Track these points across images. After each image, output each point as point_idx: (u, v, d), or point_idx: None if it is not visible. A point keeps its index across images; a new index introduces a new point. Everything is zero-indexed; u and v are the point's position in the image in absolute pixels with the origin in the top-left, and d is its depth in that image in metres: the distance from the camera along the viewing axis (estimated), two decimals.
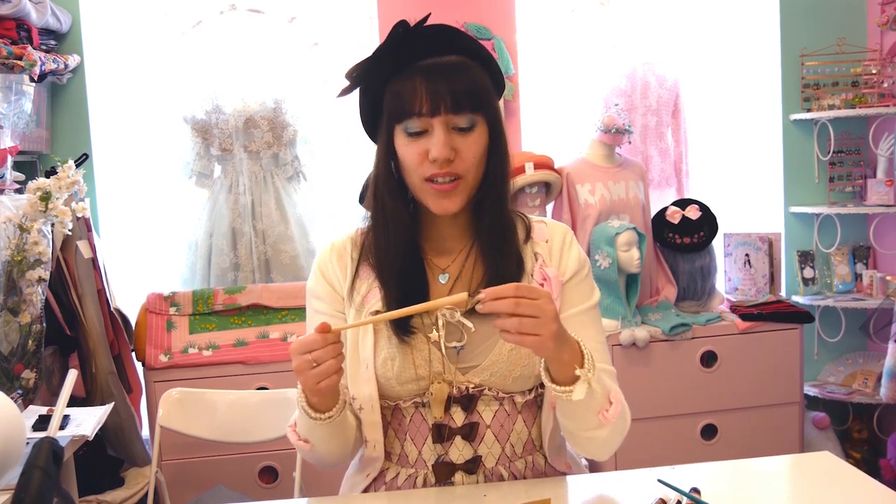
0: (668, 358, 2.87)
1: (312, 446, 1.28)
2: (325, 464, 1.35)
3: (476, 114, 1.23)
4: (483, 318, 1.27)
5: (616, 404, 1.22)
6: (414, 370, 1.27)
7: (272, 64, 2.99)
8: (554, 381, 1.18)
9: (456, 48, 1.26)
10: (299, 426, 1.29)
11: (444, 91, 1.20)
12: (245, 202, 2.95)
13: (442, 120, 1.21)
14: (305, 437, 1.28)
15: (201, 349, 2.72)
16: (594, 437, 1.24)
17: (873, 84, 3.22)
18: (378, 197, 1.31)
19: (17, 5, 2.50)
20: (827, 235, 3.37)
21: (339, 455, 1.33)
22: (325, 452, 1.30)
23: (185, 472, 2.66)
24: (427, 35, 1.24)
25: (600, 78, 3.25)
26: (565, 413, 1.23)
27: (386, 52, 1.24)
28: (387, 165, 1.29)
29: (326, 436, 1.27)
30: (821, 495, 1.24)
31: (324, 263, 1.37)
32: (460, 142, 1.23)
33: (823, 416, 3.18)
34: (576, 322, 1.29)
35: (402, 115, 1.23)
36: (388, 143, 1.28)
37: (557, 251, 1.35)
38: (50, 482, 0.99)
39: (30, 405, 2.16)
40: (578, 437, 1.26)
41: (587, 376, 1.15)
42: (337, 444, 1.29)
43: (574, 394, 1.15)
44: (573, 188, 2.99)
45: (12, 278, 2.21)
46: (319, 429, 1.24)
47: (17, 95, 2.52)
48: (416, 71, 1.22)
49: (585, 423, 1.22)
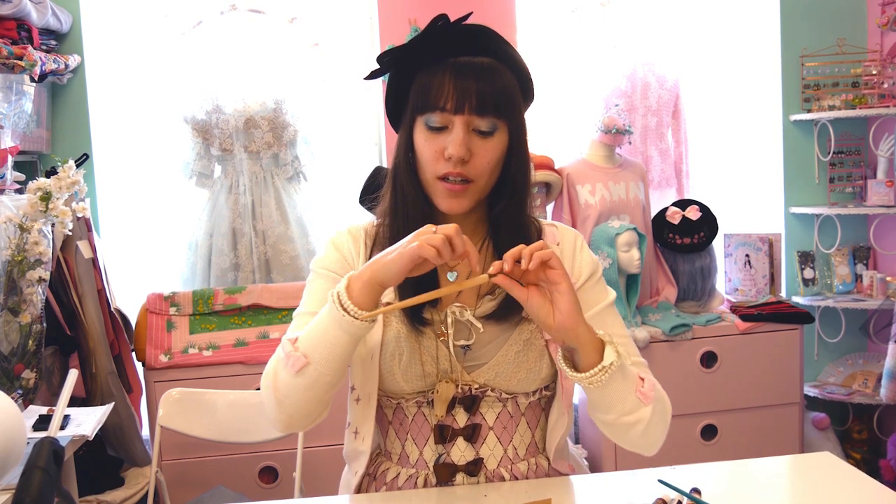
0: (668, 358, 2.87)
1: (308, 364, 1.15)
2: (293, 405, 1.19)
3: (499, 119, 1.23)
4: (492, 321, 1.28)
5: (649, 379, 1.21)
6: (421, 367, 1.27)
7: (272, 64, 2.99)
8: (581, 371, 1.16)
9: (490, 51, 1.25)
10: (306, 338, 1.16)
11: (471, 90, 1.20)
12: (245, 202, 2.95)
13: (464, 119, 1.21)
14: (307, 350, 1.15)
15: (201, 349, 2.72)
16: (638, 419, 1.19)
17: (873, 85, 3.22)
18: (397, 187, 1.30)
19: (18, 5, 2.50)
20: (827, 236, 3.37)
21: (316, 396, 1.18)
22: (311, 382, 1.16)
23: (185, 472, 2.66)
24: (464, 33, 1.24)
25: (600, 78, 3.25)
26: (602, 403, 1.19)
27: (421, 43, 1.24)
28: (406, 155, 1.29)
29: (337, 352, 1.14)
30: (821, 495, 1.24)
31: (339, 241, 1.36)
32: (478, 144, 1.23)
33: (823, 416, 3.18)
34: (597, 321, 1.28)
35: (425, 107, 1.23)
36: (409, 134, 1.28)
37: (569, 255, 1.35)
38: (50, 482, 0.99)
39: (30, 405, 2.16)
40: (621, 426, 1.20)
41: (610, 339, 1.15)
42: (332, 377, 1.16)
43: (605, 358, 1.14)
44: (573, 189, 2.99)
45: (12, 278, 2.21)
46: (337, 333, 1.13)
47: (17, 95, 2.52)
48: (447, 66, 1.22)
49: (625, 405, 1.18)
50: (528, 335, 1.28)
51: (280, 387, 1.19)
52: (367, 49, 3.14)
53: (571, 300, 1.13)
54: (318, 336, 1.15)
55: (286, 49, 3.03)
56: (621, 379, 1.16)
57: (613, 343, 1.16)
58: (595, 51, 3.27)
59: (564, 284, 1.13)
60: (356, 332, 1.13)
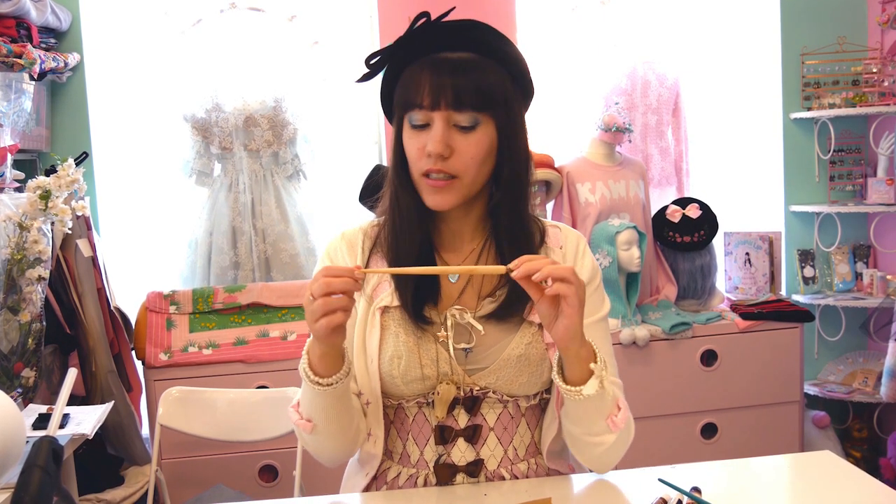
0: (668, 357, 2.87)
1: (315, 426, 1.23)
2: (325, 453, 1.30)
3: (481, 113, 1.21)
4: (493, 323, 1.28)
5: (624, 411, 1.22)
6: (420, 369, 1.26)
7: (272, 62, 2.99)
8: (567, 382, 1.18)
9: (475, 45, 1.24)
10: (303, 404, 1.25)
11: (446, 86, 1.19)
12: (245, 201, 2.95)
13: (442, 115, 1.20)
14: (309, 415, 1.23)
15: (201, 348, 2.72)
16: (600, 442, 1.22)
17: (874, 83, 3.21)
18: (392, 189, 1.30)
19: (17, 3, 2.50)
20: (827, 234, 3.37)
21: (341, 441, 1.27)
22: (326, 435, 1.24)
23: (185, 471, 2.66)
24: (444, 29, 1.23)
25: (601, 76, 3.25)
26: (574, 416, 1.22)
27: (403, 42, 1.24)
28: (397, 154, 1.28)
29: (332, 412, 1.21)
30: (821, 494, 1.24)
31: (334, 251, 1.36)
32: (459, 140, 1.21)
33: (823, 415, 3.18)
34: (587, 333, 1.26)
35: (407, 105, 1.23)
36: (398, 133, 1.27)
37: (572, 258, 1.34)
38: (50, 481, 0.99)
39: (30, 404, 2.16)
40: (583, 443, 1.25)
41: (601, 373, 1.16)
42: (340, 427, 1.24)
43: (585, 388, 1.15)
44: (573, 187, 2.99)
45: (12, 277, 2.21)
46: (323, 400, 1.19)
47: (16, 94, 2.51)
48: (426, 64, 1.22)
49: (593, 427, 1.21)
50: (530, 338, 1.27)
51: (308, 446, 1.30)
52: (366, 47, 3.14)
53: (575, 323, 1.13)
54: (310, 403, 1.22)
55: (286, 47, 3.03)
56: (598, 402, 1.18)
57: (602, 376, 1.16)
58: (595, 49, 3.27)
59: (572, 310, 1.12)
60: (337, 393, 1.19)
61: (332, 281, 1.09)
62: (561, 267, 1.11)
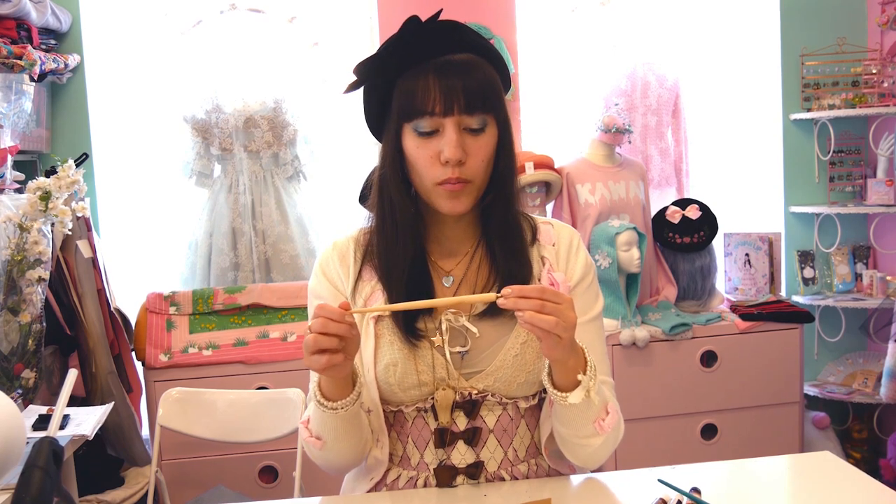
0: (668, 358, 2.87)
1: (324, 444, 1.24)
2: (334, 467, 1.31)
3: (487, 114, 1.21)
4: (487, 323, 1.27)
5: (612, 414, 1.21)
6: (416, 376, 1.26)
7: (272, 63, 2.99)
8: (555, 386, 1.17)
9: (467, 46, 1.23)
10: (312, 421, 1.25)
11: (458, 89, 1.17)
12: (245, 202, 2.95)
13: (454, 120, 1.19)
14: (318, 433, 1.24)
15: (201, 349, 2.72)
16: (587, 444, 1.22)
17: (873, 84, 3.22)
18: (384, 197, 1.28)
19: (17, 4, 2.50)
20: (827, 235, 3.37)
21: (350, 457, 1.28)
22: (335, 452, 1.25)
23: (185, 472, 2.66)
24: (438, 31, 1.21)
25: (600, 77, 3.25)
26: (561, 419, 1.22)
27: (396, 48, 1.21)
28: (394, 165, 1.26)
29: (340, 432, 1.22)
30: (821, 495, 1.24)
31: (326, 263, 1.36)
32: (471, 143, 1.20)
33: (823, 415, 3.18)
34: (579, 331, 1.25)
35: (412, 113, 1.20)
36: (396, 143, 1.24)
37: (564, 255, 1.34)
38: (50, 482, 0.99)
39: (30, 405, 2.16)
40: (571, 444, 1.25)
41: (588, 384, 1.15)
42: (349, 444, 1.25)
43: (570, 398, 1.15)
44: (573, 188, 2.99)
45: (12, 278, 2.21)
46: (332, 421, 1.20)
47: (16, 95, 2.52)
48: (429, 68, 1.19)
49: (581, 431, 1.21)
50: (525, 337, 1.27)
51: (317, 460, 1.31)
52: (366, 49, 3.14)
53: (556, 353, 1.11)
54: (319, 422, 1.23)
55: (286, 48, 3.03)
56: (584, 409, 1.18)
57: (589, 386, 1.15)
58: (595, 50, 3.27)
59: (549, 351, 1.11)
60: (345, 415, 1.20)
61: (328, 323, 1.09)
62: (546, 319, 1.06)
